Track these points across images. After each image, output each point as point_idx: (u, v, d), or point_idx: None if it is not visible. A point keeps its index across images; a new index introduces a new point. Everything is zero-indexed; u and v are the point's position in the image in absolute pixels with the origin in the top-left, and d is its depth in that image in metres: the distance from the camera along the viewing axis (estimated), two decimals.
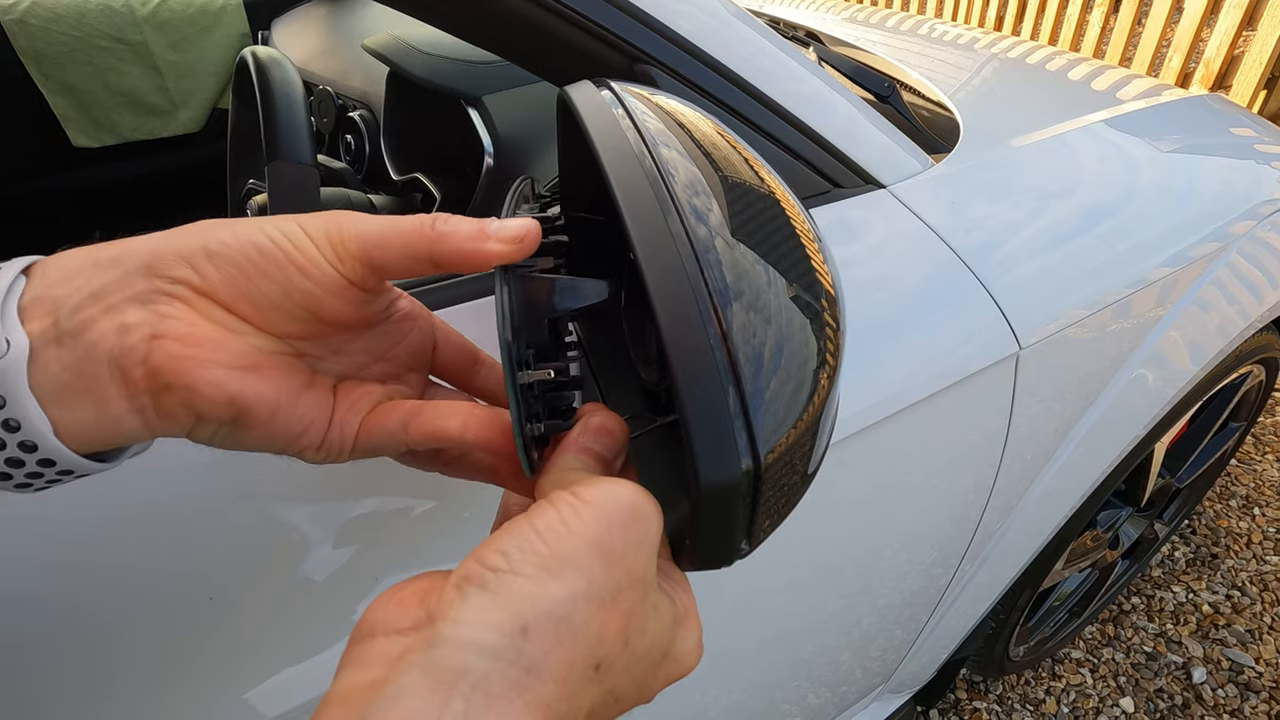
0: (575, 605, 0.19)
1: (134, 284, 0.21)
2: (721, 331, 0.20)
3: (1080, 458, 0.74)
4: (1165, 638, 1.27)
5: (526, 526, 0.20)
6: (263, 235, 0.23)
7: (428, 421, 0.26)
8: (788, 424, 0.22)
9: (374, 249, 0.23)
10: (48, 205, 1.36)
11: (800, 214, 0.27)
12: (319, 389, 0.26)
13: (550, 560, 0.19)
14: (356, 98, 1.01)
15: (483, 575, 0.19)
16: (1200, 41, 2.47)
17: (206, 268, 0.22)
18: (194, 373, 0.21)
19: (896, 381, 0.53)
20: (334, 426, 0.26)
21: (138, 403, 0.21)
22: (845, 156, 0.55)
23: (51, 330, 0.20)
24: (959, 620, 0.84)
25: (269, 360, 0.24)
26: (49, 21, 1.26)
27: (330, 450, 0.26)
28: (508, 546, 0.19)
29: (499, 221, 0.25)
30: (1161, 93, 0.93)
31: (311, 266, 0.23)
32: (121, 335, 0.21)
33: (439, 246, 0.24)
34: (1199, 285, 0.76)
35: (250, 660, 0.36)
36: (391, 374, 0.28)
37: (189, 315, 0.22)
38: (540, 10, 0.43)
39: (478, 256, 0.24)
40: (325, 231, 0.23)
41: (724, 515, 0.20)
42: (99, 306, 0.21)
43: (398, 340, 0.28)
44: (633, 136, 0.26)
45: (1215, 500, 1.49)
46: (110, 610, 0.33)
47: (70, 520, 0.32)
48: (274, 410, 0.23)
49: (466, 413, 0.26)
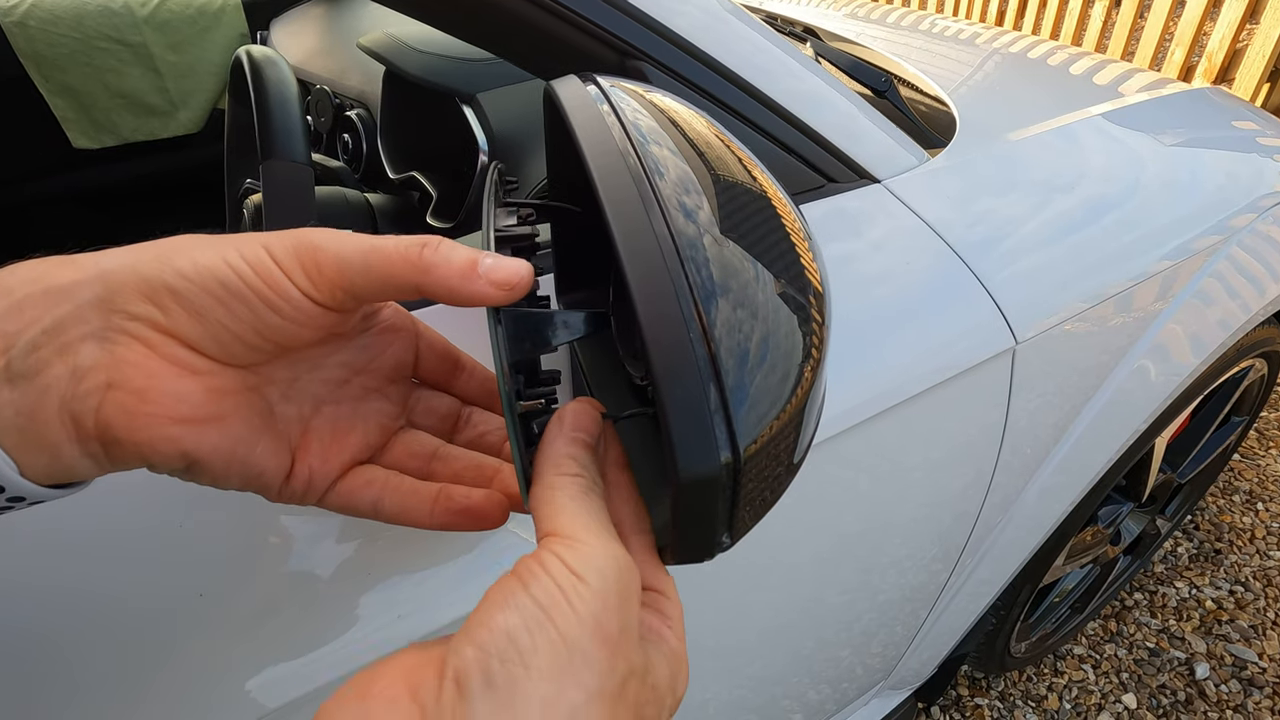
0: (594, 707, 0.17)
1: (89, 319, 0.20)
2: (703, 328, 0.20)
3: (1080, 452, 0.74)
4: (1168, 633, 1.26)
5: (526, 600, 0.18)
6: (226, 267, 0.21)
7: (396, 512, 0.26)
8: (770, 416, 0.22)
9: (354, 275, 0.22)
10: (49, 207, 1.36)
11: (790, 210, 0.27)
12: (281, 431, 0.25)
13: (562, 652, 0.17)
14: (354, 97, 1.01)
15: (488, 667, 0.17)
16: (1203, 35, 2.46)
17: (170, 305, 0.20)
18: (148, 429, 0.20)
19: (892, 376, 0.53)
20: (297, 476, 0.25)
21: (88, 449, 0.21)
22: (839, 151, 0.55)
23: (4, 371, 0.19)
24: (959, 616, 0.84)
25: (230, 404, 0.23)
26: (48, 23, 1.26)
27: (293, 496, 0.25)
28: (513, 628, 0.17)
29: (491, 258, 0.23)
30: (1163, 86, 0.92)
31: (280, 300, 0.21)
32: (76, 381, 0.20)
33: (425, 278, 0.22)
34: (1199, 278, 0.75)
35: (241, 655, 0.36)
36: (372, 387, 0.28)
37: (148, 361, 0.20)
38: (531, 7, 0.43)
39: (468, 295, 0.22)
40: (296, 255, 0.22)
41: (704, 509, 0.20)
42: (52, 346, 0.19)
43: (378, 353, 0.27)
44: (617, 132, 0.25)
45: (1218, 495, 1.49)
46: (98, 605, 0.33)
47: (60, 513, 0.32)
48: (228, 461, 0.23)
49: (432, 502, 0.26)
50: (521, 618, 0.18)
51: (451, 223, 0.78)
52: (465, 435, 0.29)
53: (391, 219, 0.82)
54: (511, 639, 0.17)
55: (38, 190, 1.35)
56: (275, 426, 0.25)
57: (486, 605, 0.18)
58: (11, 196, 1.32)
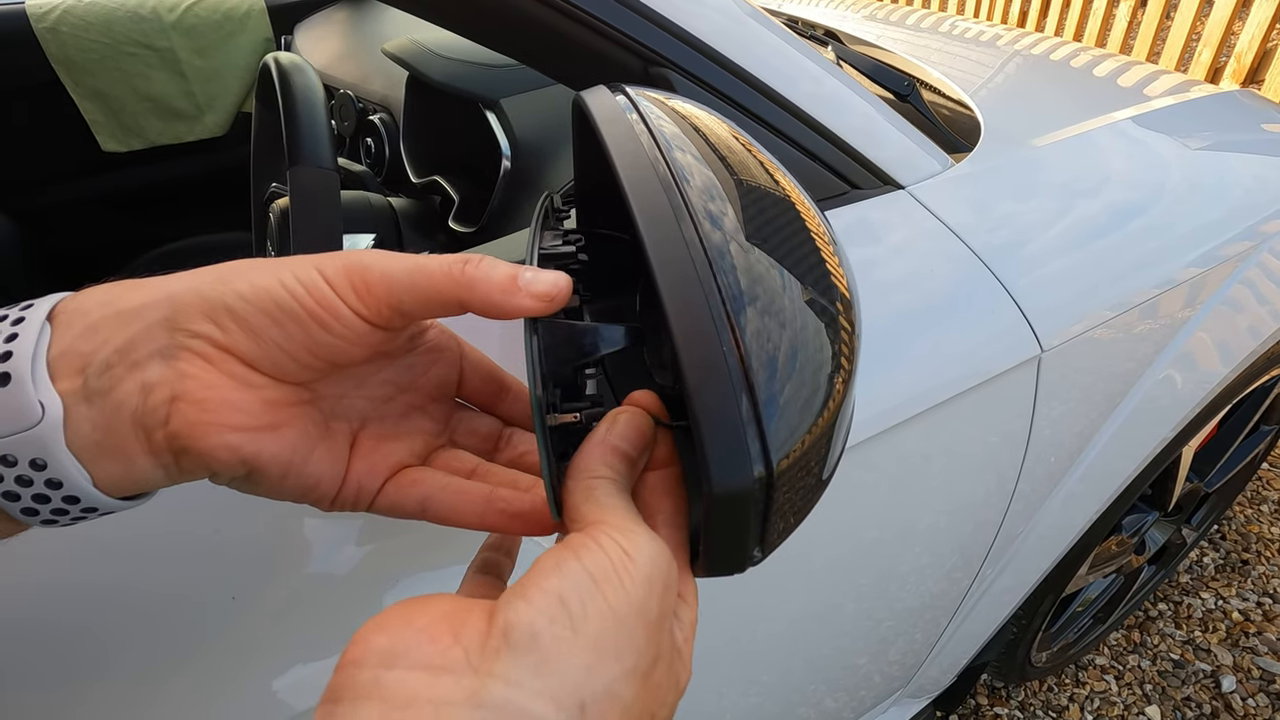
0: (629, 683, 0.18)
1: (156, 338, 0.21)
2: (735, 339, 0.20)
3: (1105, 461, 0.73)
4: (1193, 645, 1.24)
5: (578, 567, 0.19)
6: (281, 288, 0.22)
7: (445, 511, 0.26)
8: (802, 430, 0.22)
9: (401, 293, 0.23)
10: (79, 208, 1.39)
11: (815, 217, 0.27)
12: (335, 443, 0.26)
13: (610, 624, 0.18)
14: (377, 101, 1.02)
15: (534, 625, 0.17)
16: (1231, 35, 2.41)
17: (228, 324, 0.22)
18: (210, 437, 0.21)
19: (916, 383, 0.53)
20: (349, 485, 0.26)
21: (161, 460, 0.22)
22: (863, 157, 0.55)
23: (81, 390, 0.21)
24: (980, 625, 0.83)
25: (286, 415, 0.24)
26: (79, 29, 1.29)
27: (344, 505, 0.26)
28: (565, 592, 0.18)
29: (531, 272, 0.24)
30: (1190, 89, 0.91)
31: (333, 319, 0.23)
32: (145, 395, 0.21)
33: (468, 293, 0.23)
34: (1229, 285, 0.74)
35: (268, 657, 0.37)
36: (415, 405, 0.28)
37: (207, 374, 0.22)
38: (555, 14, 0.43)
39: (509, 309, 0.23)
40: (347, 274, 0.23)
41: (737, 523, 0.20)
42: (124, 364, 0.21)
43: (423, 372, 0.28)
44: (647, 141, 0.26)
45: (1246, 505, 1.46)
46: (132, 605, 0.34)
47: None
48: (286, 469, 0.24)
49: (483, 505, 0.26)
50: (574, 585, 0.18)
51: (474, 227, 0.78)
52: (505, 455, 0.29)
53: (414, 222, 0.82)
54: (563, 602, 0.18)
55: (68, 191, 1.38)
56: (328, 438, 0.25)
57: (539, 569, 0.19)
58: (43, 197, 1.35)
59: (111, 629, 0.33)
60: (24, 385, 0.20)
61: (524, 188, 0.75)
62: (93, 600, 0.33)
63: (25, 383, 0.20)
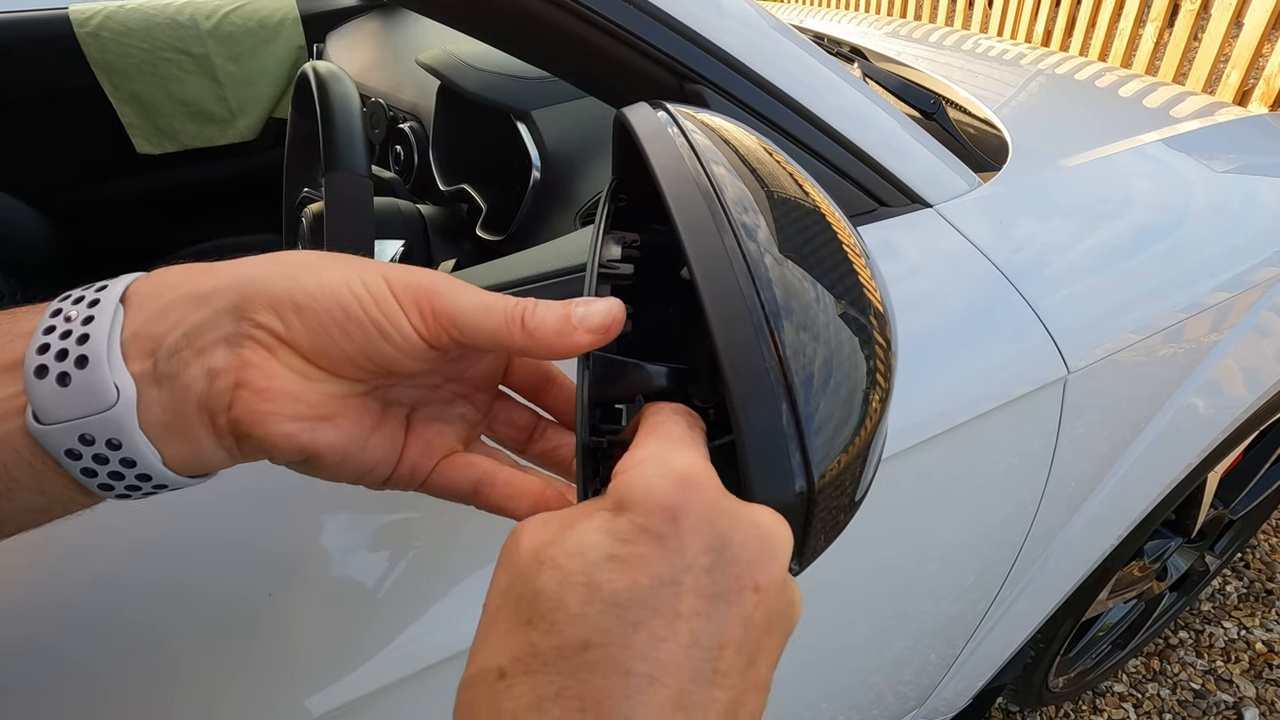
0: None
1: (223, 325, 0.22)
2: (777, 352, 0.21)
3: (1128, 486, 0.72)
4: (1215, 675, 1.22)
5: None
6: (349, 293, 0.23)
7: (499, 497, 0.27)
8: (839, 447, 0.22)
9: (464, 326, 0.24)
10: (115, 208, 1.42)
11: (849, 231, 0.27)
12: (390, 429, 0.26)
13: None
14: (407, 109, 1.04)
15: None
16: (1261, 57, 2.39)
17: (292, 319, 0.22)
18: (269, 426, 0.22)
19: (940, 402, 0.52)
20: (404, 464, 0.26)
21: (224, 443, 0.23)
22: (892, 175, 0.55)
23: (151, 372, 0.21)
24: (997, 647, 0.82)
25: (342, 406, 0.24)
26: (120, 35, 1.32)
27: (398, 484, 0.27)
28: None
29: (583, 306, 0.24)
30: (1217, 111, 0.90)
31: (394, 332, 0.23)
32: (210, 381, 0.21)
33: (529, 342, 0.24)
34: (1257, 310, 0.73)
35: (305, 655, 0.37)
36: (461, 394, 0.29)
37: (269, 364, 0.22)
38: (594, 30, 0.44)
39: (567, 349, 0.24)
40: (415, 294, 0.23)
41: None
42: (191, 349, 0.21)
43: (470, 365, 0.29)
44: (688, 156, 0.26)
45: (1271, 533, 1.43)
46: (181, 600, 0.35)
47: (143, 512, 0.34)
48: (343, 456, 0.24)
49: (536, 496, 0.27)
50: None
51: (502, 235, 0.80)
52: (539, 447, 0.30)
53: (441, 230, 0.84)
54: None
55: (105, 192, 1.41)
56: (384, 425, 0.26)
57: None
58: (79, 197, 1.38)
59: (159, 622, 0.34)
60: (101, 368, 0.20)
61: (553, 198, 0.76)
62: (137, 593, 0.34)
63: (102, 365, 0.20)
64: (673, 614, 0.18)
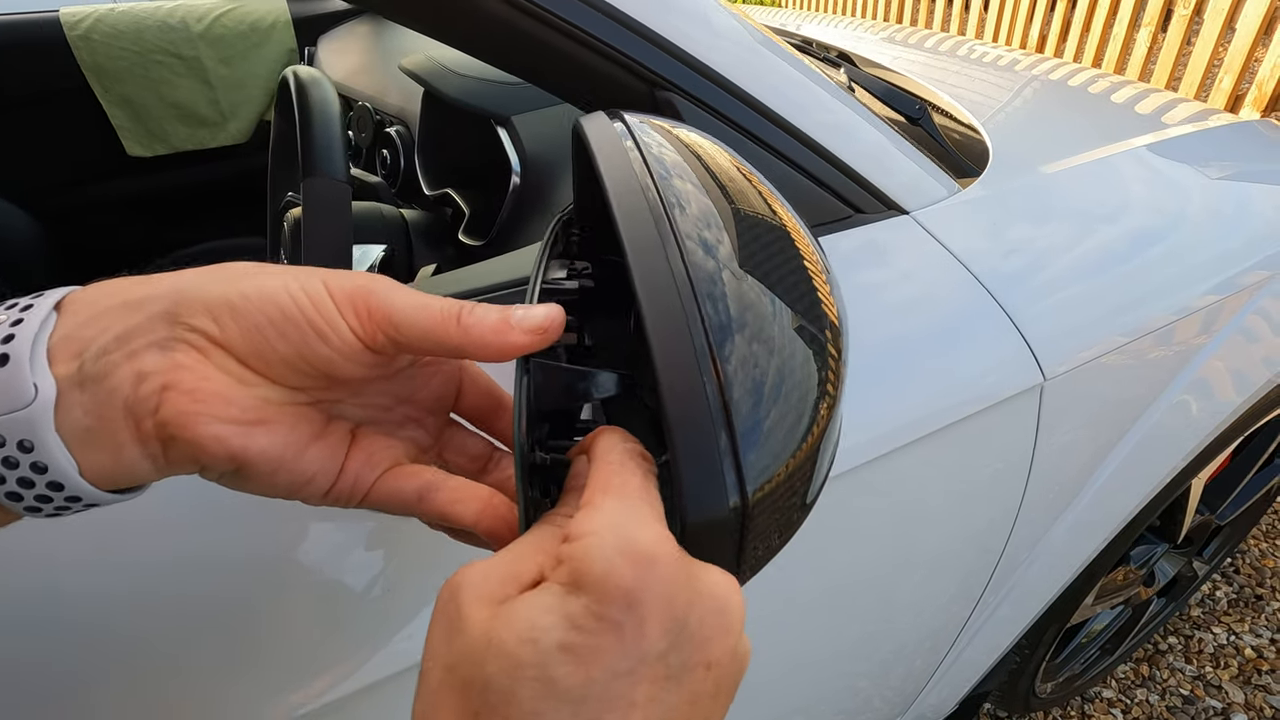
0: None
1: (156, 329, 0.21)
2: (716, 371, 0.21)
3: (1111, 491, 0.72)
4: (1204, 681, 1.21)
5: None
6: (286, 294, 0.22)
7: (444, 503, 0.26)
8: (784, 457, 0.22)
9: (400, 324, 0.23)
10: (105, 210, 1.42)
11: (810, 245, 0.27)
12: (332, 440, 0.26)
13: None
14: (394, 114, 1.04)
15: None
16: (1254, 62, 2.40)
17: (227, 321, 0.22)
18: (198, 427, 0.21)
19: (917, 408, 0.52)
20: (345, 476, 0.26)
21: (149, 449, 0.22)
22: (867, 182, 0.55)
23: (76, 374, 0.21)
24: (981, 653, 0.82)
25: (277, 413, 0.24)
26: (111, 37, 1.32)
27: (338, 499, 0.26)
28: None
29: (522, 310, 0.24)
30: (1208, 118, 0.90)
31: (331, 333, 0.23)
32: (137, 383, 0.21)
33: (464, 338, 0.24)
34: (1244, 314, 0.73)
35: (279, 661, 0.37)
36: (412, 417, 0.28)
37: (201, 366, 0.22)
38: (558, 35, 0.44)
39: (502, 349, 0.24)
40: (351, 296, 0.23)
41: (711, 549, 0.20)
42: (121, 352, 0.21)
43: (421, 386, 0.28)
44: (640, 169, 0.26)
45: (1261, 539, 1.43)
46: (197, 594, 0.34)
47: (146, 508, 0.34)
48: (277, 465, 0.24)
49: (483, 503, 0.26)
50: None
51: (483, 240, 0.79)
52: (493, 477, 0.29)
53: (424, 234, 0.84)
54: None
55: (96, 194, 1.41)
56: (325, 437, 0.25)
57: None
58: (69, 199, 1.38)
59: (146, 627, 0.34)
60: (21, 366, 0.20)
61: (532, 203, 0.76)
62: (119, 601, 0.34)
63: (23, 364, 0.20)
64: (628, 705, 0.18)
